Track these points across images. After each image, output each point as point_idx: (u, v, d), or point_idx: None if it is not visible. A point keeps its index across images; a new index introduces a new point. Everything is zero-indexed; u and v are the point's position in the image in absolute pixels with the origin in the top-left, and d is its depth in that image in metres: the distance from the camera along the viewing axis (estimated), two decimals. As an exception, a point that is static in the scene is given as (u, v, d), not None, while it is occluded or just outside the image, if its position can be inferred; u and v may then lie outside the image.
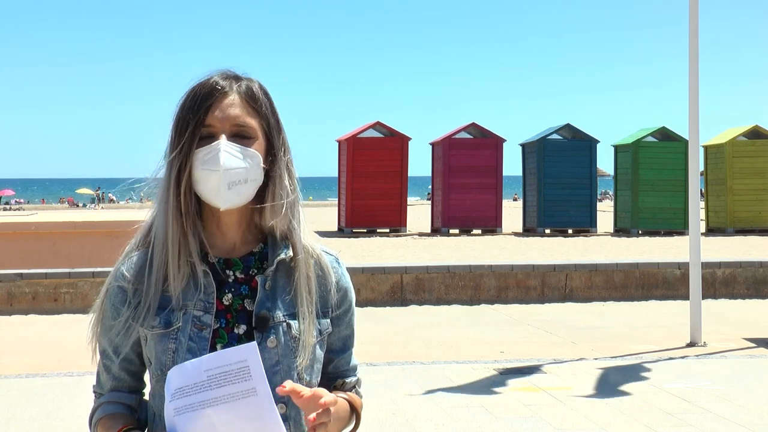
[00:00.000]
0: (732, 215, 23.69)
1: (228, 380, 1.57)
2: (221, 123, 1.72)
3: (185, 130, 1.71)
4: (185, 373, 1.60)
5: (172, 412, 1.59)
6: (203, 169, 1.70)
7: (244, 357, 1.57)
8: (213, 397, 1.57)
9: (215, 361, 1.59)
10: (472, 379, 6.74)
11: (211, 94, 1.73)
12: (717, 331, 8.83)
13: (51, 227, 12.57)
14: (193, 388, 1.58)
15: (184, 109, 1.74)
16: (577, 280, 11.07)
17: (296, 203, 1.80)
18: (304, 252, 1.79)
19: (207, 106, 1.72)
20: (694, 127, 8.55)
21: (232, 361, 1.57)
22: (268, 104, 1.79)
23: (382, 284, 10.66)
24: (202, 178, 1.71)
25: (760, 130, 24.03)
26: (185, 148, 1.71)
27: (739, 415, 5.66)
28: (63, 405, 6.03)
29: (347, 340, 1.89)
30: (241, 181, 1.71)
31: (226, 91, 1.74)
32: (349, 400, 1.85)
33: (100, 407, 1.81)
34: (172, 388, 1.60)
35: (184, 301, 1.73)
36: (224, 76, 1.77)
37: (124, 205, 59.83)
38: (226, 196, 1.70)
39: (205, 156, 1.70)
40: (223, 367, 1.57)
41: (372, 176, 23.24)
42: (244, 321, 1.75)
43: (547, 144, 23.77)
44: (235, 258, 1.78)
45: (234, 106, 1.74)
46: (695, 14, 8.45)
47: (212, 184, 1.70)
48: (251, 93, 1.77)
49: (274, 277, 1.77)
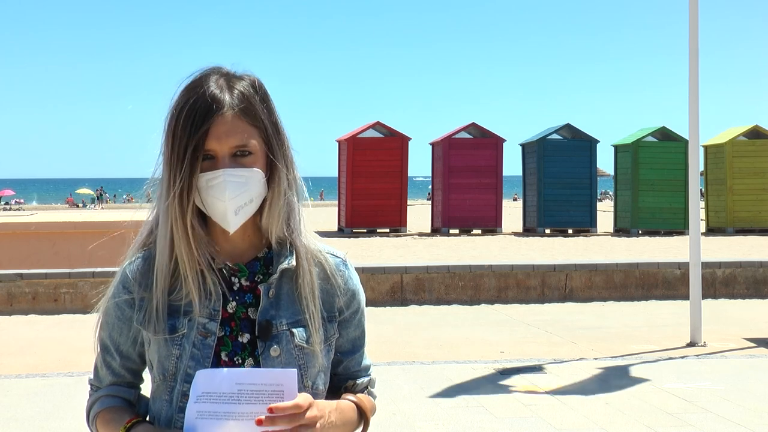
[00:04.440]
0: (732, 215, 23.68)
1: (259, 399, 1.56)
2: (219, 144, 1.68)
3: (183, 151, 1.67)
4: (215, 379, 1.59)
5: (194, 413, 1.58)
6: (209, 196, 1.69)
7: (282, 381, 1.57)
8: (240, 412, 1.56)
9: (251, 377, 1.58)
10: (472, 379, 6.74)
11: (207, 114, 1.67)
12: (717, 331, 8.83)
13: (51, 227, 12.57)
14: (221, 397, 1.57)
15: (179, 124, 1.68)
16: (577, 280, 11.07)
17: (296, 206, 1.78)
18: (308, 257, 1.78)
19: (205, 130, 1.67)
20: (694, 127, 8.55)
21: (268, 382, 1.57)
22: (265, 109, 1.75)
23: (382, 284, 10.66)
24: (208, 203, 1.70)
25: (760, 130, 24.03)
26: (186, 171, 1.67)
27: (739, 415, 5.66)
28: (63, 405, 6.02)
29: (357, 341, 1.87)
30: (246, 204, 1.70)
31: (222, 109, 1.68)
32: (357, 403, 1.82)
33: (99, 400, 1.80)
34: (199, 390, 1.59)
35: (190, 308, 1.72)
36: (218, 83, 1.71)
37: (122, 205, 59.87)
38: (233, 221, 1.70)
39: (209, 182, 1.68)
40: (257, 385, 1.57)
41: (372, 176, 23.24)
42: (248, 329, 1.74)
43: (547, 144, 23.76)
44: (241, 264, 1.77)
45: (232, 128, 1.69)
46: (695, 14, 8.45)
47: (219, 211, 1.69)
48: (246, 103, 1.71)
49: (278, 285, 1.76)
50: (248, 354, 1.73)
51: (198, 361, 1.69)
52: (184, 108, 1.69)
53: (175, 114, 1.70)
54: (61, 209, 50.88)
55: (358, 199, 23.35)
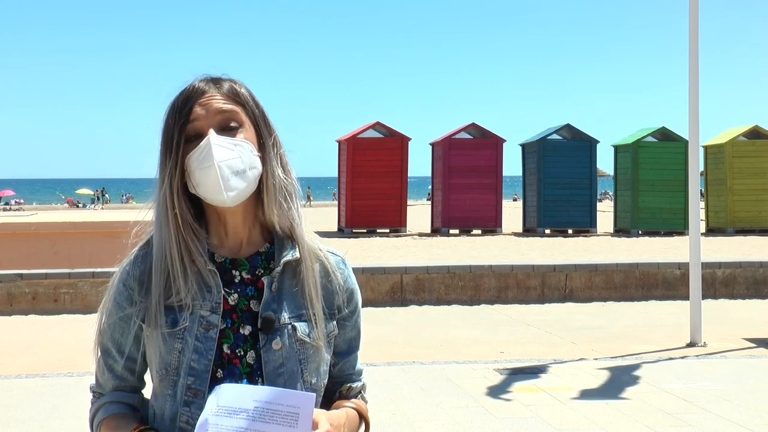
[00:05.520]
0: (732, 215, 23.69)
1: (274, 419, 1.57)
2: (206, 118, 1.71)
3: (172, 136, 1.71)
4: (235, 393, 1.60)
5: (212, 427, 1.58)
6: (200, 169, 1.69)
7: (298, 404, 1.58)
8: (253, 429, 1.57)
9: (268, 395, 1.59)
10: (472, 379, 6.74)
11: (190, 96, 1.73)
12: (717, 332, 8.83)
13: (51, 227, 12.56)
14: (237, 412, 1.58)
15: (168, 118, 1.73)
16: (577, 281, 11.07)
17: (294, 195, 1.78)
18: (309, 253, 1.79)
19: (189, 107, 1.72)
20: (694, 127, 8.55)
21: (284, 403, 1.58)
22: (251, 98, 1.79)
23: (382, 284, 10.66)
24: (201, 179, 1.69)
25: (760, 130, 24.03)
26: (174, 154, 1.70)
27: (739, 415, 5.66)
28: (63, 405, 6.02)
29: (352, 342, 1.88)
30: (240, 171, 1.69)
31: (206, 90, 1.74)
32: (357, 409, 1.84)
33: (103, 407, 1.79)
34: (219, 401, 1.59)
35: (191, 301, 1.72)
36: (204, 80, 1.77)
37: (122, 205, 59.87)
38: (228, 186, 1.68)
39: (198, 156, 1.69)
40: (273, 405, 1.58)
41: (372, 176, 23.24)
42: (250, 322, 1.74)
43: (547, 144, 23.77)
44: (242, 258, 1.78)
45: (215, 100, 1.73)
46: (695, 14, 8.45)
47: (212, 181, 1.68)
48: (233, 89, 1.77)
49: (281, 279, 1.76)
50: (250, 346, 1.73)
51: (201, 354, 1.70)
52: (172, 104, 1.74)
53: (166, 113, 1.75)
54: (61, 209, 50.89)
55: (358, 199, 23.35)
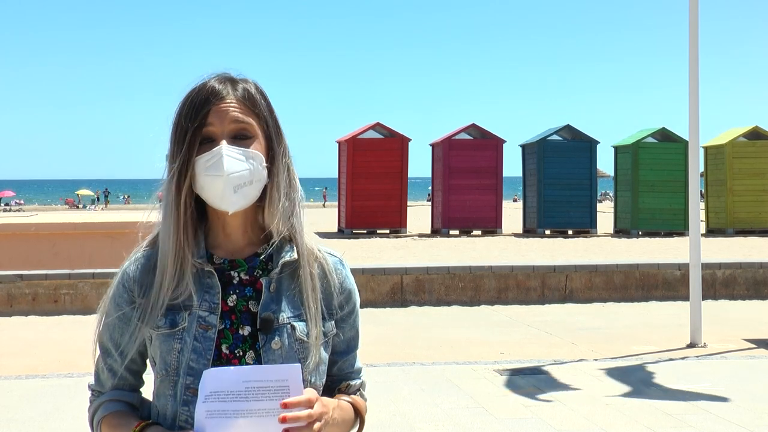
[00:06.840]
0: (732, 216, 23.69)
1: (266, 395, 1.59)
2: (220, 125, 1.72)
3: (184, 136, 1.71)
4: (223, 378, 1.60)
5: (204, 413, 1.60)
6: (207, 175, 1.70)
7: (287, 377, 1.60)
8: (248, 409, 1.58)
9: (256, 374, 1.60)
10: (472, 380, 6.74)
11: (208, 99, 1.73)
12: (717, 332, 8.82)
13: (51, 228, 12.56)
14: (229, 395, 1.59)
15: (182, 115, 1.73)
16: (577, 281, 11.07)
17: (297, 204, 1.80)
18: (308, 254, 1.80)
19: (205, 112, 1.72)
20: (694, 128, 8.55)
21: (273, 378, 1.59)
22: (266, 106, 1.79)
23: (382, 285, 10.66)
24: (206, 184, 1.71)
25: (760, 130, 24.04)
26: (185, 155, 1.71)
27: (739, 416, 5.66)
28: (62, 406, 6.02)
29: (351, 342, 1.88)
30: (246, 184, 1.71)
31: (223, 95, 1.74)
32: (353, 403, 1.85)
33: (102, 405, 1.80)
34: (206, 390, 1.60)
35: (190, 302, 1.73)
36: (220, 80, 1.77)
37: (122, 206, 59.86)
38: (232, 200, 1.70)
39: (207, 162, 1.70)
40: (262, 382, 1.59)
41: (372, 177, 23.25)
42: (249, 322, 1.75)
43: (547, 145, 23.78)
44: (240, 259, 1.79)
45: (232, 108, 1.74)
46: (695, 14, 8.45)
47: (217, 190, 1.70)
48: (249, 95, 1.77)
49: (279, 279, 1.77)
50: (249, 347, 1.74)
51: (200, 354, 1.71)
52: (187, 101, 1.74)
53: (179, 110, 1.75)
54: (61, 210, 50.89)
55: (358, 200, 23.35)
